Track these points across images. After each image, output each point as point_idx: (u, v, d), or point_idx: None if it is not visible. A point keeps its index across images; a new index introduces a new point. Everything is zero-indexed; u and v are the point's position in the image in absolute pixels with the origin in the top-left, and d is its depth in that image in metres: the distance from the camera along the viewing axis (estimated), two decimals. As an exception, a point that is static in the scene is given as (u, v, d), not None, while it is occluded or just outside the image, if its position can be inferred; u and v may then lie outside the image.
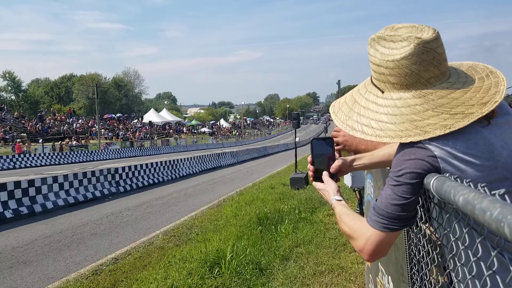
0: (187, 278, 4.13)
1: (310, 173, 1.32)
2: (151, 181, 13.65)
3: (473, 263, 0.82)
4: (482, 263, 0.78)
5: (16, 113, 43.70)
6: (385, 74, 1.04)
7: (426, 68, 0.99)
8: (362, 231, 1.06)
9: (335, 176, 1.29)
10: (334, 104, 1.24)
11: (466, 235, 0.85)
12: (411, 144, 0.99)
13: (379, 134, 1.04)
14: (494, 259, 0.72)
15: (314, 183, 1.32)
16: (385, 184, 1.05)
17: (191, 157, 18.04)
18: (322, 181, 1.29)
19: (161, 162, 14.96)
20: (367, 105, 1.10)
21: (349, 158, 1.33)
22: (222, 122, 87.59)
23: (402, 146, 1.02)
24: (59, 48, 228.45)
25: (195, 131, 65.72)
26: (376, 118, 1.06)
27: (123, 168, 12.39)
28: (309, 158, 1.32)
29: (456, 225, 0.89)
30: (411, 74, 1.00)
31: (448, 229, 0.95)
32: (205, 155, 20.28)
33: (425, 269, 1.25)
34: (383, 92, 1.07)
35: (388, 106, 1.05)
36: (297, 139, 14.20)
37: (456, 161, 0.93)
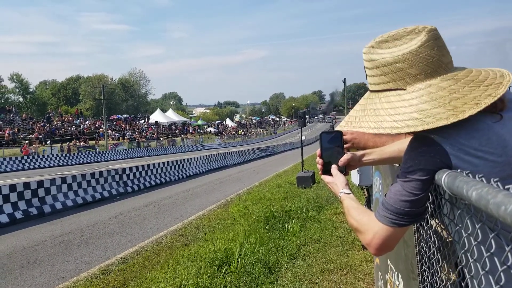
0: (196, 277, 4.15)
1: (319, 166, 1.32)
2: (158, 181, 13.72)
3: (487, 259, 0.82)
4: (495, 259, 0.78)
5: (24, 115, 44.16)
6: (403, 69, 1.00)
7: (444, 53, 1.00)
8: (370, 225, 1.06)
9: (344, 170, 1.29)
10: (342, 124, 1.17)
11: (478, 231, 0.84)
12: (423, 140, 0.98)
13: (431, 121, 0.95)
14: (509, 254, 0.71)
15: (322, 176, 1.32)
16: (394, 181, 1.05)
17: (197, 157, 18.09)
18: (331, 175, 1.29)
19: (168, 162, 15.03)
20: (393, 106, 1.03)
21: (359, 152, 1.33)
22: (228, 121, 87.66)
23: (413, 141, 1.01)
24: (65, 49, 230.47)
25: (201, 131, 65.88)
26: (415, 110, 0.99)
27: (131, 169, 12.47)
28: (318, 151, 1.32)
29: (468, 221, 0.89)
30: (433, 60, 0.99)
31: (460, 225, 0.94)
32: (211, 154, 20.32)
33: (436, 266, 1.24)
34: (405, 89, 1.03)
35: (421, 96, 0.99)
36: (303, 138, 14.18)
37: (469, 157, 0.92)
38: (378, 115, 1.07)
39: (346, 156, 1.28)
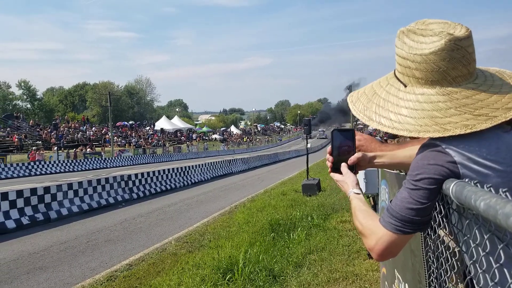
0: (201, 285, 4.14)
1: (329, 164, 1.31)
2: (163, 188, 13.74)
3: (496, 270, 0.81)
4: (505, 270, 0.77)
5: (31, 121, 44.57)
6: (410, 68, 1.02)
7: (455, 66, 0.98)
8: (374, 230, 1.06)
9: (354, 169, 1.28)
10: (352, 94, 1.22)
11: (487, 241, 0.84)
12: (432, 148, 0.98)
13: (396, 127, 1.02)
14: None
15: (331, 174, 1.31)
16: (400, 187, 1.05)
17: (202, 164, 18.12)
18: (340, 173, 1.28)
19: (173, 169, 15.07)
20: (387, 97, 1.09)
21: (370, 154, 1.32)
22: (233, 128, 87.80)
23: (422, 149, 1.01)
24: (72, 57, 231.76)
25: (206, 137, 66.04)
26: (396, 111, 1.04)
27: (136, 175, 12.51)
28: (329, 149, 1.31)
29: (476, 231, 0.88)
30: (438, 71, 0.98)
31: (468, 235, 0.94)
32: (216, 161, 20.34)
33: (444, 276, 1.23)
34: (405, 86, 1.06)
35: (410, 100, 1.03)
36: (308, 146, 14.16)
37: (477, 166, 0.92)
38: (370, 100, 1.12)
39: (357, 155, 1.28)
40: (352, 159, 1.27)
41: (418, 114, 1.00)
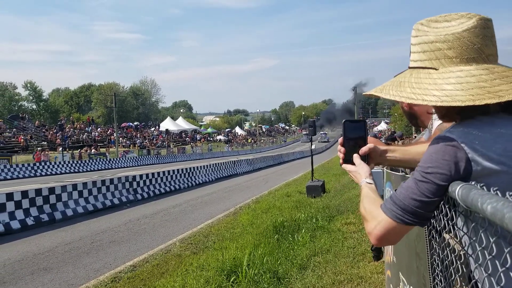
0: (205, 286, 4.14)
1: (340, 155, 1.30)
2: (167, 189, 13.77)
3: (502, 274, 0.80)
4: (511, 274, 0.76)
5: (37, 122, 44.90)
6: (441, 49, 1.01)
7: (487, 43, 0.98)
8: (374, 214, 1.06)
9: (366, 160, 1.27)
10: (370, 90, 1.18)
11: (493, 245, 0.83)
12: (447, 141, 0.96)
13: (446, 100, 0.97)
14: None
15: (344, 165, 1.29)
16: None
17: (207, 165, 18.14)
18: (352, 164, 1.26)
19: (177, 170, 15.10)
20: (419, 81, 1.05)
21: (382, 147, 1.30)
22: (237, 129, 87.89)
23: (436, 141, 0.99)
24: (78, 58, 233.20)
25: (211, 138, 66.14)
26: (437, 88, 1.00)
27: (141, 176, 12.55)
28: (340, 140, 1.30)
29: (482, 234, 0.87)
30: (473, 47, 0.98)
31: (474, 238, 0.93)
32: (220, 162, 20.36)
33: (449, 280, 1.22)
34: (437, 70, 1.03)
35: (449, 77, 1.00)
36: (313, 147, 14.13)
37: (490, 163, 0.91)
38: (401, 86, 1.08)
39: (369, 146, 1.26)
40: (364, 149, 1.26)
41: (464, 86, 0.97)
